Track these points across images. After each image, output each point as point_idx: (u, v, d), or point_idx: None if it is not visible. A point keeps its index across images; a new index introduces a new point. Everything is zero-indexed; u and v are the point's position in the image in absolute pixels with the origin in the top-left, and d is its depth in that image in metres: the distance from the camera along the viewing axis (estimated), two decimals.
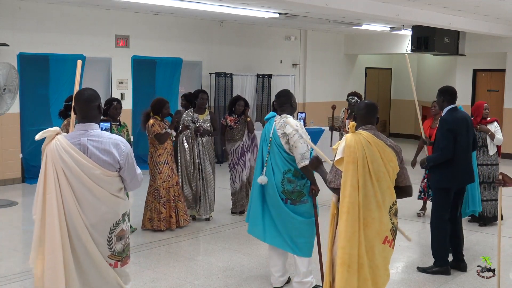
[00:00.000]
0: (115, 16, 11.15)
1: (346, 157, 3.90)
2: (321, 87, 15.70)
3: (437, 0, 9.38)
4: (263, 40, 14.16)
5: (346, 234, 3.86)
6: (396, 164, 3.96)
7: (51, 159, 3.49)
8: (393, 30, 13.42)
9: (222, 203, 8.52)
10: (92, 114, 3.61)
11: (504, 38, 13.79)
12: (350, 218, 3.86)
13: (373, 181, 3.88)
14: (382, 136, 4.05)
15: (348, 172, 3.88)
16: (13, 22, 9.83)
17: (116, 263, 3.61)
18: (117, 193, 3.57)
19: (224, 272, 5.86)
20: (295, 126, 4.98)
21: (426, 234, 7.42)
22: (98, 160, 3.49)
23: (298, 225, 5.08)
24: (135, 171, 3.66)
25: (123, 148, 3.57)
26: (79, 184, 3.45)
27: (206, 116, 7.75)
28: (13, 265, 6.06)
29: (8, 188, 9.82)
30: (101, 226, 3.50)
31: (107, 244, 3.54)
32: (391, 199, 3.97)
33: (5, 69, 8.46)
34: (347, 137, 3.97)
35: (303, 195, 5.07)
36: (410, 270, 6.05)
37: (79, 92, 3.66)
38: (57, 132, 3.57)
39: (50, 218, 3.42)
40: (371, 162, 3.88)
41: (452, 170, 5.73)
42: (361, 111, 4.12)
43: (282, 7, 10.38)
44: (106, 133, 3.64)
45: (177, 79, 12.25)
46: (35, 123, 10.32)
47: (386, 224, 3.93)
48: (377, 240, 3.91)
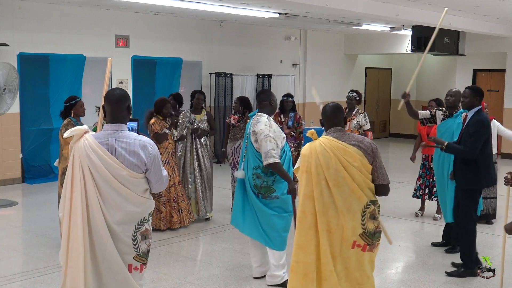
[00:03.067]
0: (115, 16, 11.15)
1: (301, 167, 3.95)
2: (321, 87, 15.68)
3: (437, 0, 9.39)
4: (263, 40, 14.16)
5: (298, 243, 3.93)
6: (362, 163, 3.85)
7: (78, 158, 3.48)
8: (393, 30, 13.43)
9: (222, 203, 8.52)
10: (122, 115, 3.59)
11: (504, 38, 13.79)
12: (301, 227, 3.91)
13: (330, 188, 3.84)
14: (348, 136, 3.96)
15: (302, 181, 3.93)
16: (13, 22, 9.83)
17: (142, 266, 3.60)
18: (142, 194, 3.57)
19: (224, 272, 5.86)
20: (264, 125, 5.16)
21: (424, 234, 7.44)
22: (125, 161, 3.48)
23: (269, 218, 5.25)
24: (161, 172, 3.65)
25: (151, 150, 3.56)
26: (105, 184, 3.45)
27: (203, 116, 7.77)
28: (13, 265, 6.07)
29: (8, 188, 9.82)
30: (126, 223, 3.50)
31: (132, 243, 3.52)
32: (359, 203, 3.85)
33: (5, 69, 8.46)
34: (304, 146, 4.00)
35: (272, 191, 5.21)
36: (410, 270, 6.05)
37: (109, 92, 3.63)
38: (85, 131, 3.54)
39: (75, 217, 3.43)
40: (327, 169, 3.84)
41: (482, 171, 5.69)
42: (326, 114, 4.08)
43: (282, 7, 10.38)
44: (134, 134, 3.62)
45: (177, 79, 12.25)
46: (35, 123, 10.33)
47: (351, 229, 3.85)
48: (344, 246, 3.88)
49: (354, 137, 3.97)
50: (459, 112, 6.47)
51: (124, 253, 3.51)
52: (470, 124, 5.72)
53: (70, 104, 6.50)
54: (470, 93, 5.77)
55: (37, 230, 7.31)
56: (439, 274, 5.86)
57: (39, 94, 10.35)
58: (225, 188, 9.15)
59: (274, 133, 5.14)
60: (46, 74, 10.37)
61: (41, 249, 6.51)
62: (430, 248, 6.72)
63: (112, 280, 3.51)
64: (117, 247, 3.49)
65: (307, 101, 15.47)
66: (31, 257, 6.28)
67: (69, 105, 6.50)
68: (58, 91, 10.37)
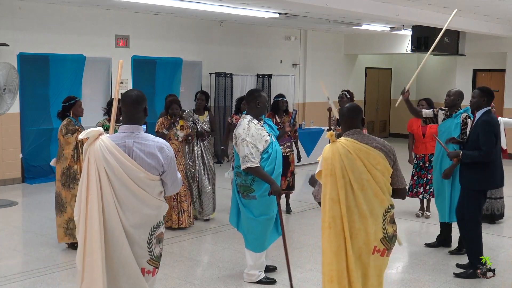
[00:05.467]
0: (115, 16, 11.15)
1: (324, 170, 3.81)
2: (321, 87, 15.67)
3: (437, 0, 9.39)
4: (263, 40, 14.16)
5: (331, 249, 3.77)
6: (385, 166, 3.82)
7: (94, 160, 3.41)
8: (393, 30, 13.43)
9: (222, 203, 8.52)
10: (138, 116, 3.57)
11: (504, 38, 13.79)
12: (332, 233, 3.77)
13: (354, 191, 3.76)
14: (368, 138, 3.90)
15: (327, 185, 3.79)
16: (13, 22, 9.83)
17: (154, 270, 3.58)
18: (158, 197, 3.55)
19: (224, 272, 5.86)
20: (242, 129, 5.18)
21: (425, 234, 7.44)
22: (143, 163, 3.45)
23: (246, 220, 5.33)
24: (176, 175, 3.64)
25: (167, 152, 3.54)
26: (122, 186, 3.41)
27: (206, 117, 7.78)
28: (13, 265, 6.07)
29: (8, 188, 9.82)
30: (142, 227, 3.47)
31: (147, 247, 3.50)
32: (381, 206, 3.81)
33: (5, 69, 8.46)
34: (325, 148, 3.87)
35: (251, 190, 5.23)
36: (410, 270, 6.05)
37: (126, 93, 3.61)
38: (100, 133, 3.49)
39: (91, 220, 3.38)
40: (351, 172, 3.75)
41: (489, 172, 5.65)
42: (343, 115, 4.00)
43: (282, 7, 10.38)
44: (151, 136, 3.59)
45: (177, 79, 12.25)
46: (35, 123, 10.33)
47: (373, 234, 3.79)
48: (364, 251, 3.80)
49: (374, 139, 3.91)
50: (459, 113, 6.47)
51: (138, 256, 3.49)
52: (477, 125, 5.66)
53: (69, 104, 6.49)
54: (478, 94, 5.72)
55: (37, 230, 7.31)
56: (439, 274, 5.86)
57: (39, 94, 10.35)
58: (225, 188, 9.15)
59: (252, 137, 5.12)
60: (46, 74, 10.37)
61: (41, 249, 6.51)
62: (430, 248, 6.72)
63: (125, 284, 3.49)
64: (132, 250, 3.46)
65: (307, 101, 15.47)
66: (31, 257, 6.28)
67: (68, 105, 6.49)
68: (58, 91, 10.36)
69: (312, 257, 6.36)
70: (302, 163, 11.17)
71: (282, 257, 6.26)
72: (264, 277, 5.50)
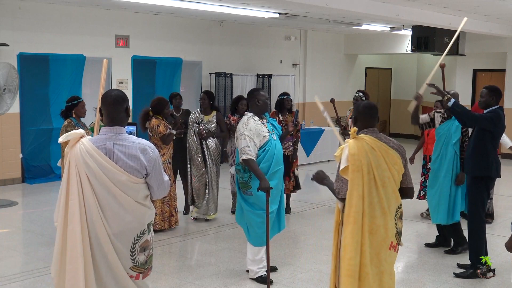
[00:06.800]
0: (115, 16, 11.15)
1: (351, 166, 3.81)
2: (321, 87, 15.69)
3: (437, 0, 9.39)
4: (263, 40, 14.16)
5: (353, 245, 3.81)
6: (401, 166, 3.90)
7: (74, 164, 3.30)
8: (393, 30, 13.43)
9: (222, 203, 8.51)
10: (120, 117, 3.43)
11: (504, 38, 13.79)
12: (356, 228, 3.81)
13: (378, 187, 3.82)
14: (385, 138, 3.97)
15: (354, 181, 3.81)
16: (13, 22, 9.83)
17: (138, 275, 3.45)
18: (142, 201, 3.41)
19: (224, 272, 5.86)
20: (242, 124, 5.40)
21: (425, 234, 7.44)
22: (124, 166, 3.32)
23: (247, 213, 5.46)
24: (162, 177, 3.50)
25: (151, 154, 3.41)
26: (104, 190, 3.29)
27: (212, 117, 7.68)
28: (13, 265, 6.07)
29: (8, 188, 9.82)
30: (125, 236, 3.35)
31: (130, 255, 3.38)
32: (396, 203, 3.91)
33: (5, 69, 8.46)
34: (349, 144, 3.87)
35: (248, 187, 5.37)
36: (410, 270, 6.05)
37: (105, 93, 3.47)
38: (81, 135, 3.37)
39: (72, 225, 3.26)
40: (376, 168, 3.81)
41: (492, 160, 5.68)
42: (360, 113, 4.01)
43: (282, 7, 10.38)
44: (133, 137, 3.46)
45: (177, 79, 12.25)
46: (35, 123, 10.32)
47: (391, 229, 3.88)
48: (383, 247, 3.86)
49: (390, 139, 3.99)
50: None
51: (122, 263, 3.38)
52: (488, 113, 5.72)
53: (72, 104, 6.50)
54: (487, 92, 5.75)
55: (37, 230, 7.31)
56: (439, 274, 5.87)
57: (39, 94, 10.35)
58: (225, 188, 9.14)
59: (250, 131, 5.30)
60: (46, 74, 10.37)
61: (41, 249, 6.51)
62: (430, 248, 6.72)
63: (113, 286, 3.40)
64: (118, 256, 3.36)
65: (307, 101, 15.47)
66: (31, 257, 6.28)
67: (70, 105, 6.50)
68: (58, 91, 10.37)
69: (312, 257, 6.35)
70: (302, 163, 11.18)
71: (282, 257, 6.28)
72: (264, 276, 5.48)
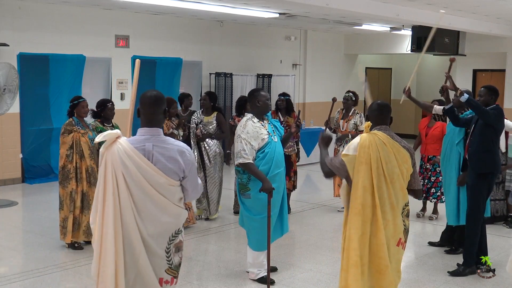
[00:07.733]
0: (115, 16, 11.15)
1: (359, 157, 3.88)
2: (321, 87, 15.70)
3: (437, 0, 9.39)
4: (263, 40, 14.16)
5: (357, 235, 3.86)
6: (410, 166, 3.97)
7: (111, 164, 3.25)
8: (393, 30, 13.43)
9: (223, 203, 8.50)
10: (158, 119, 3.40)
11: (504, 38, 13.79)
12: (360, 220, 3.86)
13: (387, 182, 3.87)
14: (396, 137, 4.05)
15: (360, 173, 3.86)
16: (13, 22, 9.83)
17: (172, 279, 3.42)
18: (178, 203, 3.39)
19: (224, 272, 5.86)
20: (239, 126, 5.31)
21: (424, 234, 7.44)
22: (163, 168, 3.28)
23: (246, 219, 5.42)
24: (197, 180, 3.48)
25: (188, 156, 3.38)
26: (140, 192, 3.25)
27: (212, 118, 7.63)
28: (13, 265, 6.07)
29: (8, 188, 9.82)
30: (160, 236, 3.32)
31: (165, 256, 3.35)
32: (403, 200, 3.96)
33: (5, 69, 8.46)
34: (361, 136, 3.95)
35: (247, 189, 5.30)
36: (410, 270, 6.04)
37: (145, 94, 3.45)
38: (118, 135, 3.32)
39: (106, 228, 3.23)
40: (386, 163, 3.87)
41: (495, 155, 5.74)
42: (374, 111, 4.09)
43: (282, 7, 10.38)
44: (171, 139, 3.43)
45: (177, 79, 12.25)
46: (35, 123, 10.33)
47: (399, 226, 3.93)
48: (392, 242, 3.91)
49: (401, 140, 4.06)
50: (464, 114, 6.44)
51: (156, 265, 3.34)
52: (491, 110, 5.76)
53: (72, 104, 6.51)
54: (486, 92, 5.85)
55: (37, 230, 7.31)
56: (439, 274, 5.87)
57: (39, 94, 10.35)
58: (227, 189, 9.14)
59: (247, 134, 5.21)
60: (46, 74, 10.37)
61: (41, 249, 6.51)
62: (430, 248, 6.72)
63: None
64: (150, 260, 3.31)
65: (307, 101, 15.47)
66: (31, 257, 6.28)
67: (71, 105, 6.51)
68: (58, 91, 10.37)
69: (312, 257, 6.35)
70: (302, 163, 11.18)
71: (282, 257, 6.28)
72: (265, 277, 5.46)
